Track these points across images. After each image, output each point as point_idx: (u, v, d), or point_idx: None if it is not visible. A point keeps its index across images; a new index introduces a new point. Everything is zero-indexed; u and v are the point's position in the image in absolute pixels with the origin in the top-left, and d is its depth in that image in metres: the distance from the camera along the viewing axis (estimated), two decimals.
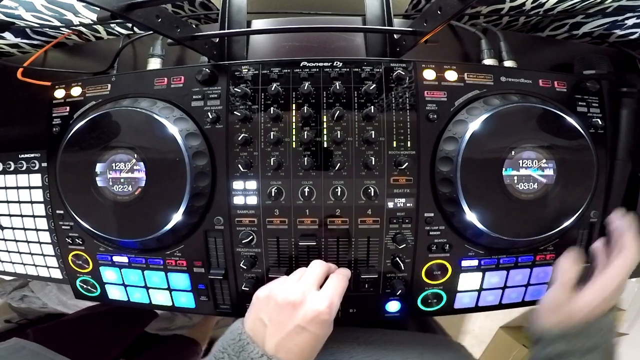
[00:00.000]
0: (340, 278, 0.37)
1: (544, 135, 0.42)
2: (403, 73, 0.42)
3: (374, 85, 0.41)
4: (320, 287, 0.36)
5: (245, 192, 0.43)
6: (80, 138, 0.44)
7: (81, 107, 0.46)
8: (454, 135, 0.41)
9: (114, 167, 0.42)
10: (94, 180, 0.43)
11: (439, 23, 0.33)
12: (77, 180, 0.44)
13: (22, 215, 0.56)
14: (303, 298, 0.33)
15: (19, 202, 0.56)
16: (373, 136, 0.41)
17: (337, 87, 0.41)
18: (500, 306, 0.47)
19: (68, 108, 0.47)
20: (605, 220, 0.44)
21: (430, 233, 0.43)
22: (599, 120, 0.45)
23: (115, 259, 0.47)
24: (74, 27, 0.57)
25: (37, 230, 0.55)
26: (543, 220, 0.42)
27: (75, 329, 0.72)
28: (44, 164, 0.53)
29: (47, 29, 0.57)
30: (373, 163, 0.41)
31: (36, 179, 0.54)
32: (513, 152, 0.41)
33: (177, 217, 0.41)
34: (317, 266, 0.37)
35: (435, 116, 0.42)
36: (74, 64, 0.58)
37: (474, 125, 0.40)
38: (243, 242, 0.42)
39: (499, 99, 0.42)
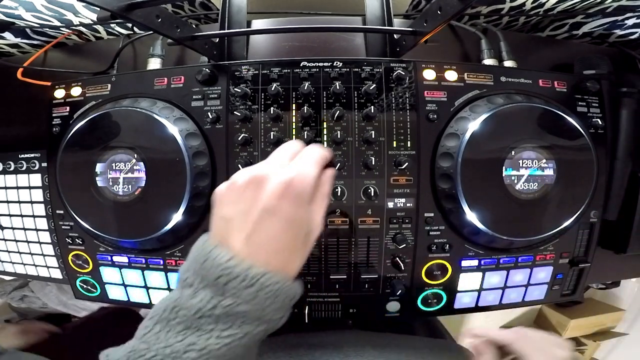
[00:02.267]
0: (315, 149, 0.29)
1: (544, 135, 0.42)
2: (403, 73, 0.42)
3: (374, 85, 0.41)
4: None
5: None
6: (80, 138, 0.44)
7: (81, 107, 0.46)
8: (455, 132, 0.41)
9: (114, 167, 0.42)
10: (94, 180, 0.43)
11: (439, 23, 0.33)
12: (77, 180, 0.44)
13: (22, 215, 0.56)
14: (267, 172, 0.26)
15: (19, 202, 0.56)
16: (373, 136, 0.41)
17: (337, 87, 0.41)
18: (500, 306, 0.47)
19: (68, 108, 0.47)
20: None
21: (430, 233, 0.43)
22: (599, 120, 0.45)
23: (115, 259, 0.47)
24: (74, 27, 0.57)
25: (37, 230, 0.55)
26: (543, 220, 0.43)
27: (101, 325, 0.72)
28: (44, 164, 0.53)
29: (47, 29, 0.57)
30: (373, 163, 0.41)
31: (36, 179, 0.54)
32: (513, 152, 0.41)
33: (177, 217, 0.41)
34: (289, 143, 0.31)
35: (435, 116, 0.42)
36: (74, 64, 0.58)
37: (476, 122, 0.40)
38: None
39: (503, 98, 0.42)
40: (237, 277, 0.24)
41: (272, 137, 0.41)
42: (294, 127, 0.42)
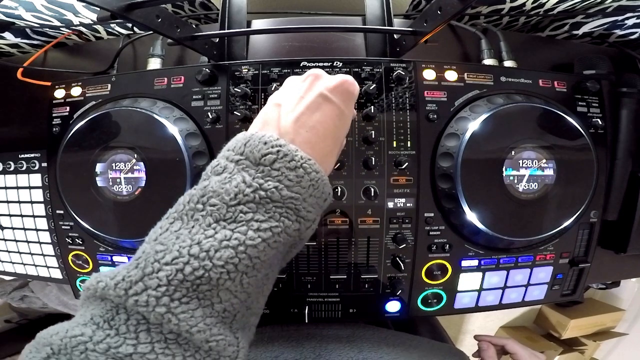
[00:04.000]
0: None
1: (544, 135, 0.42)
2: (403, 73, 0.42)
3: (374, 85, 0.41)
4: None
5: None
6: (80, 138, 0.44)
7: (81, 107, 0.46)
8: (455, 132, 0.41)
9: (114, 167, 0.42)
10: (94, 180, 0.43)
11: (439, 23, 0.33)
12: (77, 180, 0.44)
13: (22, 215, 0.56)
14: (323, 73, 0.28)
15: (19, 202, 0.56)
16: (373, 136, 0.41)
17: None
18: (500, 306, 0.47)
19: (68, 108, 0.47)
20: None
21: (430, 233, 0.43)
22: (599, 120, 0.45)
23: (115, 259, 0.47)
24: (74, 27, 0.57)
25: (37, 230, 0.55)
26: (543, 220, 0.43)
27: None
28: (44, 164, 0.53)
29: (47, 29, 0.57)
30: (373, 163, 0.41)
31: (36, 179, 0.54)
32: (513, 152, 0.41)
33: None
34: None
35: (435, 116, 0.42)
36: (74, 64, 0.58)
37: (476, 122, 0.40)
38: None
39: (503, 98, 0.42)
40: (286, 155, 0.23)
41: None
42: None
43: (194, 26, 0.48)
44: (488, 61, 0.49)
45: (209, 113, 0.42)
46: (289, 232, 0.23)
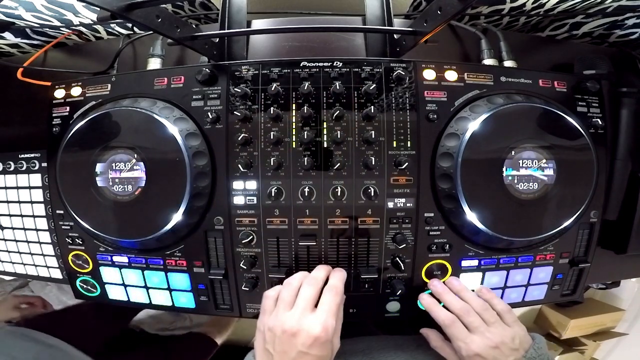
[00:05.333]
0: (333, 294, 0.37)
1: (544, 135, 0.42)
2: (403, 73, 0.42)
3: (374, 85, 0.41)
4: (317, 304, 0.36)
5: (245, 192, 0.43)
6: (80, 138, 0.44)
7: (81, 107, 0.46)
8: (455, 132, 0.41)
9: (114, 167, 0.42)
10: (94, 180, 0.43)
11: (439, 23, 0.33)
12: (77, 180, 0.44)
13: (22, 215, 0.56)
14: (299, 327, 0.34)
15: (19, 202, 0.56)
16: (373, 136, 0.41)
17: (337, 87, 0.41)
18: None
19: (68, 108, 0.47)
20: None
21: (430, 233, 0.43)
22: (599, 120, 0.45)
23: (115, 259, 0.47)
24: (74, 27, 0.57)
25: (37, 230, 0.55)
26: (543, 220, 0.43)
27: (59, 319, 0.73)
28: (44, 164, 0.53)
29: (47, 29, 0.57)
30: (373, 163, 0.41)
31: (36, 179, 0.54)
32: (513, 152, 0.41)
33: (177, 217, 0.41)
34: (309, 287, 0.37)
35: (435, 116, 0.42)
36: (74, 64, 0.58)
37: (476, 122, 0.40)
38: (243, 242, 0.42)
39: (503, 98, 0.42)
40: None
41: (272, 137, 0.41)
42: (294, 127, 0.42)
43: (194, 26, 0.48)
44: (488, 61, 0.49)
45: (209, 113, 0.42)
46: None
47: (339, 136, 0.41)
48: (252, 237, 0.43)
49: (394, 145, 0.42)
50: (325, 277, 0.39)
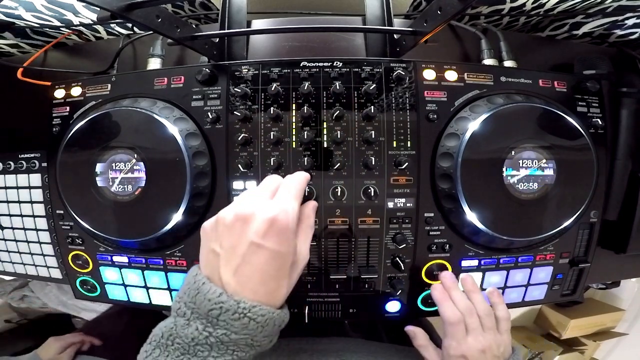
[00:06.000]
0: (294, 178, 0.32)
1: (544, 135, 0.42)
2: (403, 73, 0.42)
3: (374, 85, 0.41)
4: None
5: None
6: (80, 138, 0.44)
7: (81, 107, 0.46)
8: (455, 132, 0.41)
9: (114, 167, 0.42)
10: (94, 180, 0.43)
11: (439, 23, 0.33)
12: (77, 180, 0.44)
13: (22, 215, 0.56)
14: (253, 209, 0.28)
15: (19, 202, 0.56)
16: (373, 136, 0.41)
17: (337, 87, 0.41)
18: None
19: (68, 108, 0.47)
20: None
21: (430, 233, 0.43)
22: (599, 120, 0.45)
23: (115, 259, 0.47)
24: (74, 27, 0.57)
25: (37, 230, 0.55)
26: (543, 220, 0.43)
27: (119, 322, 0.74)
28: (44, 164, 0.53)
29: (47, 29, 0.57)
30: (373, 163, 0.41)
31: (36, 179, 0.54)
32: (513, 152, 0.41)
33: (177, 217, 0.41)
34: (269, 179, 0.33)
35: (435, 116, 0.42)
36: (74, 64, 0.58)
37: (476, 122, 0.40)
38: None
39: (503, 98, 0.42)
40: (228, 310, 0.26)
41: (272, 137, 0.41)
42: (294, 127, 0.42)
43: (194, 26, 0.48)
44: (488, 61, 0.49)
45: (209, 113, 0.42)
46: (246, 357, 0.28)
47: (339, 136, 0.41)
48: None
49: (394, 145, 0.42)
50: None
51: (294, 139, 0.42)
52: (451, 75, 0.43)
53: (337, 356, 0.44)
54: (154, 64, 0.50)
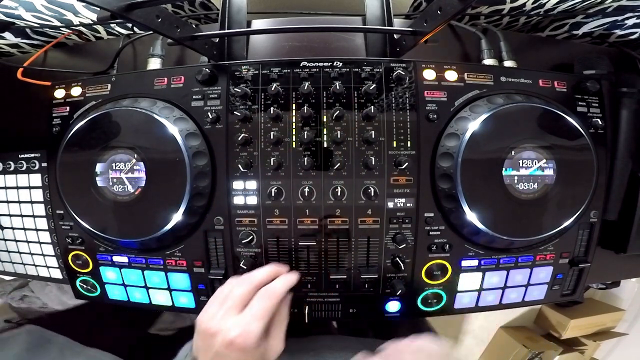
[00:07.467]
0: (266, 297, 0.35)
1: (544, 135, 0.42)
2: (403, 73, 0.42)
3: (374, 85, 0.41)
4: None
5: (245, 192, 0.43)
6: (81, 138, 0.44)
7: (81, 107, 0.46)
8: (455, 132, 0.41)
9: (114, 167, 0.42)
10: (94, 180, 0.43)
11: (439, 23, 0.33)
12: (77, 180, 0.44)
13: (22, 215, 0.56)
14: (217, 328, 0.33)
15: (19, 202, 0.56)
16: (373, 136, 0.41)
17: (337, 87, 0.41)
18: (500, 306, 0.47)
19: (68, 108, 0.47)
20: None
21: (430, 233, 0.43)
22: (599, 120, 0.45)
23: (115, 259, 0.47)
24: (74, 27, 0.57)
25: (37, 230, 0.55)
26: (543, 220, 0.43)
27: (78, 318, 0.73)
28: (44, 164, 0.53)
29: (47, 29, 0.57)
30: (373, 163, 0.41)
31: (36, 179, 0.54)
32: (513, 152, 0.41)
33: (177, 217, 0.41)
34: (239, 287, 0.36)
35: (435, 116, 0.42)
36: (74, 64, 0.58)
37: (476, 122, 0.40)
38: (243, 242, 0.42)
39: (503, 98, 0.42)
40: None
41: (272, 137, 0.41)
42: (293, 127, 0.42)
43: (194, 26, 0.48)
44: (488, 61, 0.49)
45: (209, 113, 0.42)
46: None
47: (339, 136, 0.41)
48: (252, 237, 0.43)
49: (394, 145, 0.42)
50: (269, 278, 0.37)
51: (294, 139, 0.42)
52: (451, 75, 0.43)
53: (315, 354, 0.45)
54: (154, 64, 0.50)
